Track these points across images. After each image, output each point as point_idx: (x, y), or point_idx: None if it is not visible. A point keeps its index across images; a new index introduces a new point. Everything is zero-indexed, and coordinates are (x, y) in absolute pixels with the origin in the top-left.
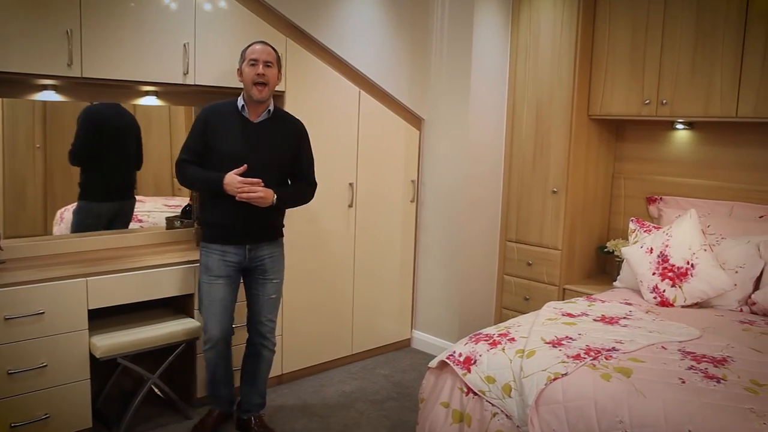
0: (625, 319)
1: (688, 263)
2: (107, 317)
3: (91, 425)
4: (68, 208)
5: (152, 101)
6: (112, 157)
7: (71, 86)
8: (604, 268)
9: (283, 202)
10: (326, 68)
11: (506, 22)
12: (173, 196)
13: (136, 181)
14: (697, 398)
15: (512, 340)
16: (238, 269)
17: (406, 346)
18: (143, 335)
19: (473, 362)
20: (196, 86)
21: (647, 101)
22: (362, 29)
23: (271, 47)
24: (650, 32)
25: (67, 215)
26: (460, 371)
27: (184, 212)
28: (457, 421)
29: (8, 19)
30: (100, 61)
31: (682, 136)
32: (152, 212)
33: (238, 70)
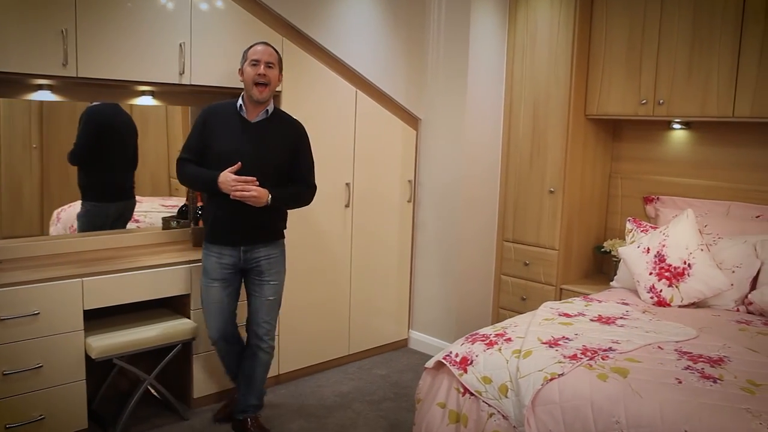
0: (621, 319)
1: (684, 263)
2: (103, 318)
3: (86, 426)
4: (65, 208)
5: (148, 101)
6: (115, 157)
7: (67, 86)
8: (601, 268)
9: (277, 202)
10: (323, 68)
11: (503, 21)
12: (170, 196)
13: (134, 181)
14: (693, 398)
15: (509, 340)
16: (235, 271)
17: (403, 346)
18: (139, 336)
19: (470, 362)
20: (192, 86)
21: (644, 101)
22: (359, 29)
23: (273, 48)
24: (647, 32)
25: (63, 215)
26: (456, 372)
27: (180, 212)
28: (453, 421)
29: (3, 18)
30: (95, 60)
31: (679, 135)
32: (149, 212)
33: (239, 69)
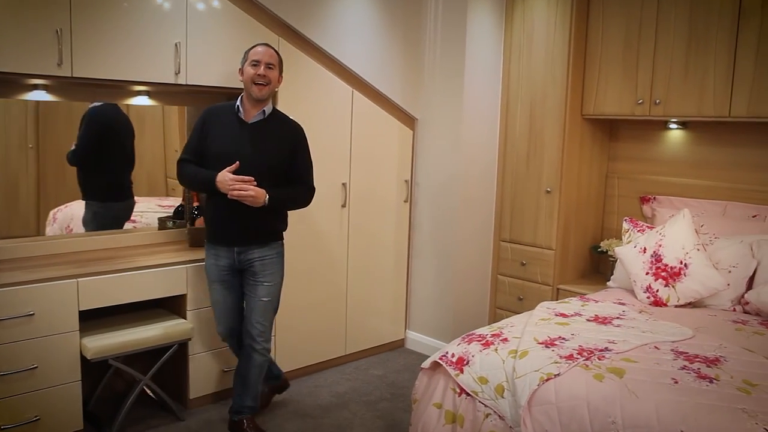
0: (618, 319)
1: (681, 263)
2: (99, 318)
3: (82, 427)
4: (61, 208)
5: (144, 101)
6: (117, 157)
7: (62, 86)
8: (597, 267)
9: (275, 203)
10: (319, 68)
11: (500, 21)
12: (167, 196)
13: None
14: (689, 398)
15: (505, 340)
16: (231, 272)
17: (399, 346)
18: (135, 336)
19: (466, 363)
20: (187, 86)
21: (640, 101)
22: (355, 28)
23: (273, 50)
24: (643, 31)
25: (60, 216)
26: (452, 372)
27: (176, 212)
28: (449, 421)
29: None
30: (90, 60)
31: (675, 135)
32: (146, 212)
33: (239, 69)
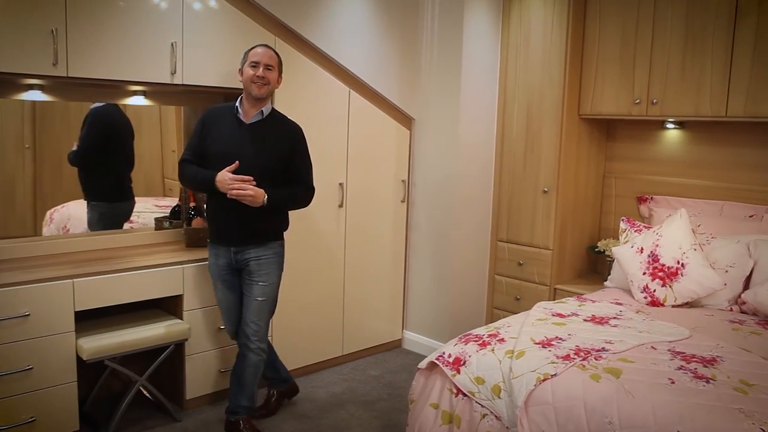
0: (615, 319)
1: (678, 263)
2: (95, 319)
3: (78, 428)
4: (58, 208)
5: (140, 101)
6: (119, 157)
7: (58, 86)
8: (595, 267)
9: (274, 202)
10: (316, 68)
11: (497, 21)
12: (164, 196)
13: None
14: (686, 398)
15: (502, 340)
16: (231, 271)
17: (397, 346)
18: (131, 337)
19: (462, 363)
20: (184, 86)
21: (638, 101)
22: (352, 28)
23: (273, 51)
24: (640, 31)
25: (57, 216)
26: (449, 372)
27: (173, 213)
28: (446, 422)
29: None
30: (86, 60)
31: (672, 135)
32: (143, 213)
33: (239, 69)
